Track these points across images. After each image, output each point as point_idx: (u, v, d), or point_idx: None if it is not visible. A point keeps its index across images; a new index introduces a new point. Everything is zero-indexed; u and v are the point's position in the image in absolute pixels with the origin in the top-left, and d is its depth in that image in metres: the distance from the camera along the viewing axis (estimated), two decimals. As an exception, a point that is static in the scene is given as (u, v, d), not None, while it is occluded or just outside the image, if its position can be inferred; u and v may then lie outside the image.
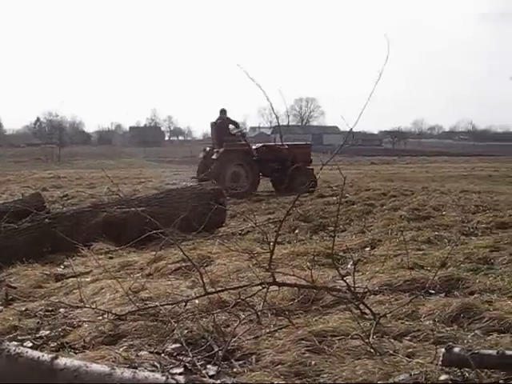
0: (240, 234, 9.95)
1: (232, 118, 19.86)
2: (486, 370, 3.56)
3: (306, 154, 19.78)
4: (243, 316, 4.83)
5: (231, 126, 19.67)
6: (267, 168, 19.05)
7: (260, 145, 20.32)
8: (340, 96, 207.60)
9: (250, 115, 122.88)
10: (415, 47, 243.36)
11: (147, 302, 5.37)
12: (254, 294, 5.11)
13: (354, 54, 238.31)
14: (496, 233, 9.47)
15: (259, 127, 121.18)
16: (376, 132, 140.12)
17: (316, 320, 4.82)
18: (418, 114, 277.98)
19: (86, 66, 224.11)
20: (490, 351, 3.54)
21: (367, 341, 4.17)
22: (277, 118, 6.55)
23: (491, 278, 6.13)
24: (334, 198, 14.17)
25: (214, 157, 18.73)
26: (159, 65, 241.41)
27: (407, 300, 5.16)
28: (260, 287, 5.06)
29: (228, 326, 4.75)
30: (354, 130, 5.27)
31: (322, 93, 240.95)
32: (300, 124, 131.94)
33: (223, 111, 19.42)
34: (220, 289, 5.32)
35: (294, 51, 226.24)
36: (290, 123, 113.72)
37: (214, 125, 19.79)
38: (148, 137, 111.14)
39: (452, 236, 9.04)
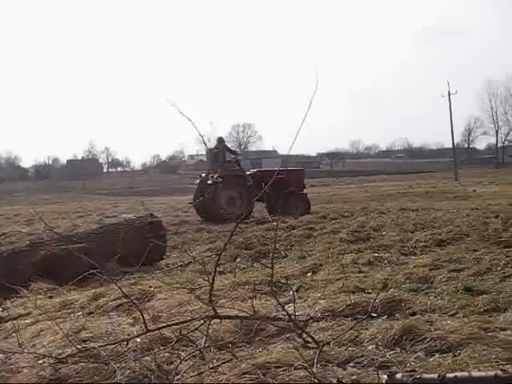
0: (181, 265, 9.83)
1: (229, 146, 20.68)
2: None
3: (299, 179, 20.27)
4: (185, 352, 4.76)
5: (227, 153, 20.17)
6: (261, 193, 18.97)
7: (254, 170, 20.75)
8: (278, 119, 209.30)
9: (186, 144, 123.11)
10: (351, 70, 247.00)
11: (88, 343, 5.26)
12: (196, 329, 5.05)
13: (291, 77, 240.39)
14: (434, 250, 9.63)
15: (197, 155, 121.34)
16: (314, 154, 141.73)
17: (259, 351, 4.78)
18: (355, 135, 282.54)
19: (19, 98, 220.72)
20: (432, 375, 3.55)
21: (311, 370, 4.15)
22: (209, 149, 6.58)
23: (431, 298, 6.21)
24: (275, 224, 14.14)
25: (209, 182, 19.06)
26: (94, 95, 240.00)
27: (350, 325, 5.18)
28: (202, 321, 5.02)
29: (171, 363, 4.67)
30: (291, 153, 5.34)
31: (260, 116, 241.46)
32: (238, 150, 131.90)
33: (220, 139, 19.92)
34: (161, 325, 5.24)
35: (229, 76, 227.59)
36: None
37: (209, 151, 20.30)
38: (86, 169, 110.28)
39: (392, 257, 9.15)
